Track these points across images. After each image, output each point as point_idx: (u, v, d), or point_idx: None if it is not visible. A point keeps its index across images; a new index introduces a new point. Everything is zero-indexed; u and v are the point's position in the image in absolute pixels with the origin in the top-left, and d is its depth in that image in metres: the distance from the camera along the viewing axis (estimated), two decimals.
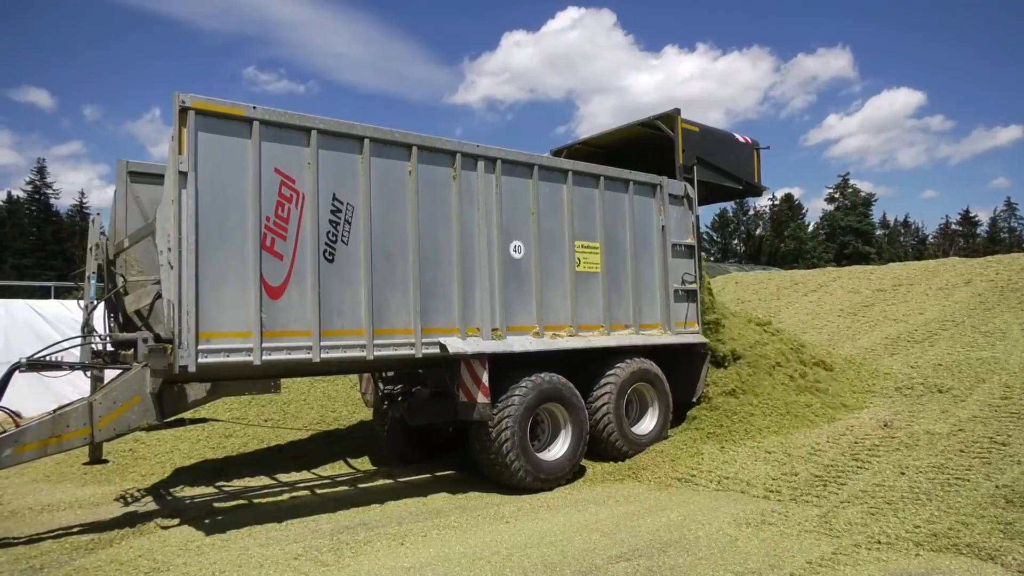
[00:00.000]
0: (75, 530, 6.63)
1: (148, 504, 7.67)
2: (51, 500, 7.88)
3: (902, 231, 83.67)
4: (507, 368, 7.70)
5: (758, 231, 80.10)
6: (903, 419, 8.58)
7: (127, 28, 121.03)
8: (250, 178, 6.18)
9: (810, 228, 73.90)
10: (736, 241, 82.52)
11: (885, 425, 8.40)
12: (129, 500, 7.86)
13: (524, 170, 8.06)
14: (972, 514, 5.53)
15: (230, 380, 6.74)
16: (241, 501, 7.71)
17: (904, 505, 6.00)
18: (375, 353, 6.78)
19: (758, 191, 10.99)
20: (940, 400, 9.20)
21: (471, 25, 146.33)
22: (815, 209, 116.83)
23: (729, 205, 79.17)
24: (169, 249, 5.82)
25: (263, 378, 6.92)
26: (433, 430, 9.08)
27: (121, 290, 7.74)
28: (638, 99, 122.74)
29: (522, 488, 7.47)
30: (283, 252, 6.33)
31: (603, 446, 8.38)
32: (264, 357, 6.13)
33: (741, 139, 10.70)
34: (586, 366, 8.57)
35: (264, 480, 8.68)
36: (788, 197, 77.04)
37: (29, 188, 56.75)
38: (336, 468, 9.18)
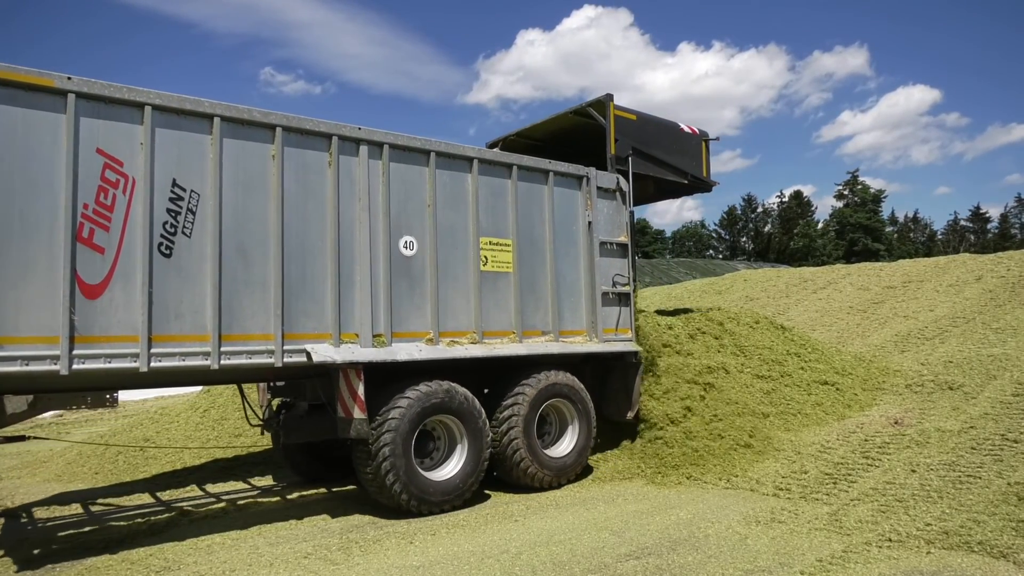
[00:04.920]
0: (86, 529, 6.71)
1: (156, 504, 7.74)
2: (62, 499, 8.00)
3: (912, 227, 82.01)
4: (397, 379, 6.87)
5: (767, 228, 78.79)
6: (914, 416, 8.44)
7: (143, 30, 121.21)
8: (63, 159, 5.35)
9: (820, 225, 72.55)
10: (744, 239, 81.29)
11: (895, 422, 8.22)
12: (134, 498, 8.00)
13: (419, 157, 7.17)
14: (984, 511, 5.40)
15: (51, 392, 5.93)
16: (249, 500, 7.72)
17: (915, 503, 5.89)
18: (223, 362, 5.94)
19: (707, 186, 9.97)
20: (951, 397, 9.01)
21: (486, 24, 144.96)
22: (827, 206, 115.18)
23: (738, 202, 77.92)
24: None
25: (94, 390, 6.10)
26: (332, 444, 8.24)
27: None
28: (652, 97, 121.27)
29: (404, 511, 6.66)
30: (105, 245, 5.50)
31: (511, 470, 7.44)
32: (75, 366, 5.31)
33: (687, 129, 9.69)
34: (498, 379, 7.70)
35: (275, 480, 8.81)
36: (797, 194, 75.66)
37: None
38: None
